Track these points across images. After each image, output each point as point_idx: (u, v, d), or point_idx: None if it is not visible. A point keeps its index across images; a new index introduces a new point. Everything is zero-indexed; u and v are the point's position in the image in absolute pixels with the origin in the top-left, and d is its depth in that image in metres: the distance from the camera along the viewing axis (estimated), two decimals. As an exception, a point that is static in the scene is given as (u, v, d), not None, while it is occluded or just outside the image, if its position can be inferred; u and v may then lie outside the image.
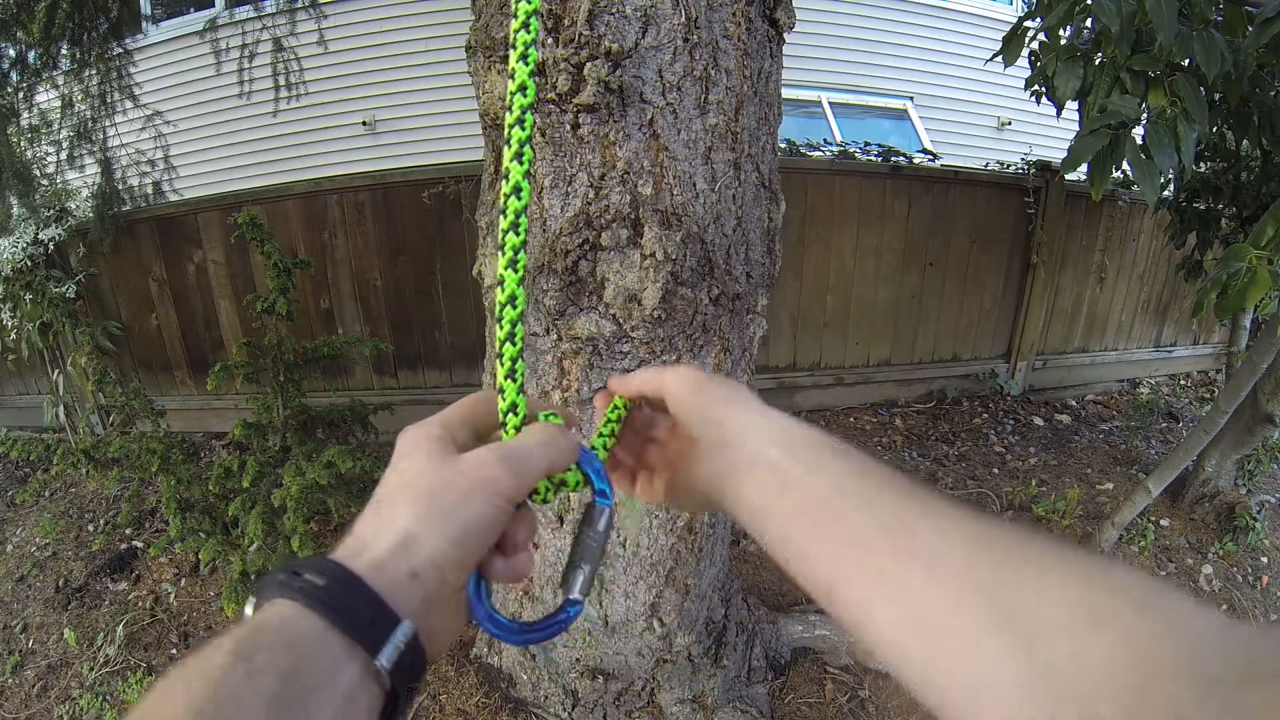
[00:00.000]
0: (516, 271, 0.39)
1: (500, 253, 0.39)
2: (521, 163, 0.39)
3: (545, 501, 0.40)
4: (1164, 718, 0.22)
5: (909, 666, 0.29)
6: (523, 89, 0.39)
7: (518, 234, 0.39)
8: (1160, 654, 0.23)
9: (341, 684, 0.28)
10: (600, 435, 0.45)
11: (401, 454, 0.36)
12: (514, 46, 0.40)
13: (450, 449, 0.36)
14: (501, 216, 0.40)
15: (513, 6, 0.40)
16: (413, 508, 0.33)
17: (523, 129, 0.39)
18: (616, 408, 0.46)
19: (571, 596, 0.40)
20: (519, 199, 0.39)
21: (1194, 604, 0.25)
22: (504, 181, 0.39)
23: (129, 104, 2.93)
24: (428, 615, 0.32)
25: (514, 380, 0.39)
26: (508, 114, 0.40)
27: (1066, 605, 0.25)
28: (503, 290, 0.39)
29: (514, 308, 0.39)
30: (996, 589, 0.27)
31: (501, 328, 0.39)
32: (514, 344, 0.40)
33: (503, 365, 0.39)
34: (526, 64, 0.39)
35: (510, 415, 0.39)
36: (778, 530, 0.37)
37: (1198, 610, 0.24)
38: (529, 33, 0.39)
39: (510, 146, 0.39)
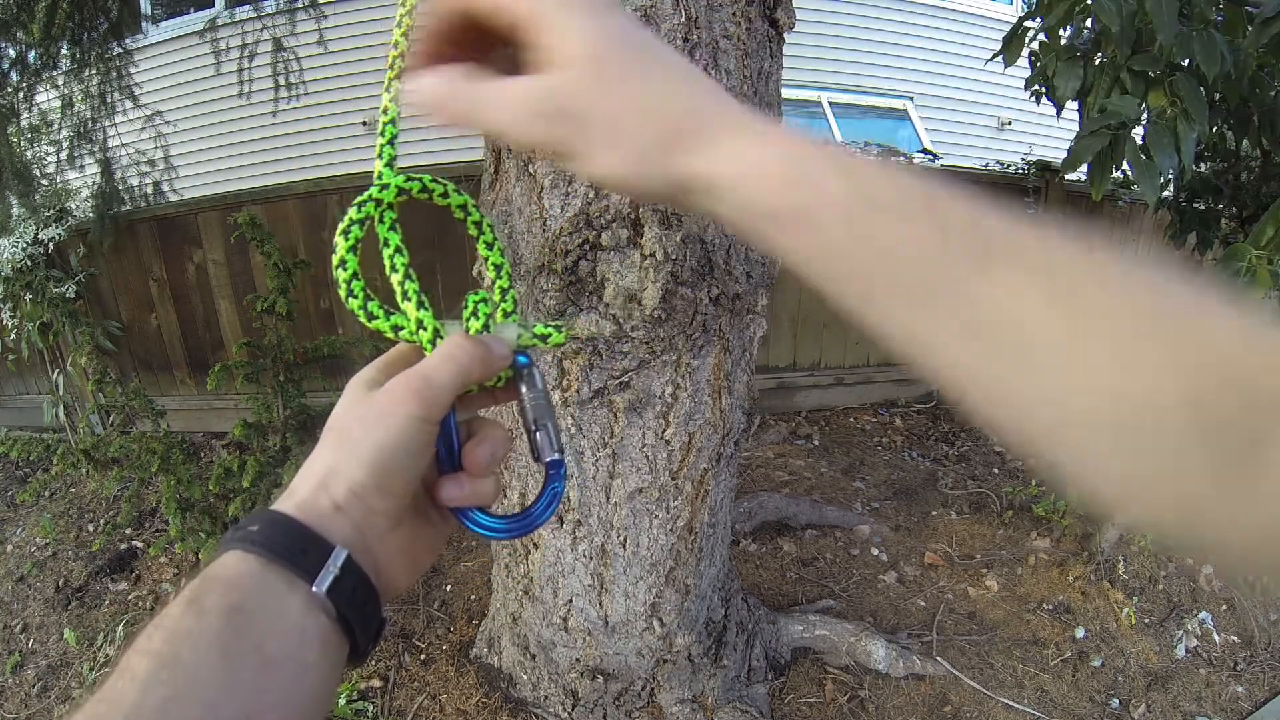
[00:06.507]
0: (426, 310, 0.40)
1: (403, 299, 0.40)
2: (396, 230, 0.41)
3: (472, 390, 0.40)
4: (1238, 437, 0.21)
5: (969, 372, 0.27)
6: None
7: (413, 280, 0.40)
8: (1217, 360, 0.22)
9: (287, 615, 0.29)
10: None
11: (338, 404, 0.37)
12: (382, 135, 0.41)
13: (374, 388, 0.36)
14: (394, 273, 0.41)
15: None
16: (327, 447, 0.34)
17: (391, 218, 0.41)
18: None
19: (551, 458, 0.40)
20: (403, 255, 0.41)
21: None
22: (386, 247, 0.41)
23: (129, 104, 2.93)
24: (365, 544, 0.33)
25: (499, 254, 0.43)
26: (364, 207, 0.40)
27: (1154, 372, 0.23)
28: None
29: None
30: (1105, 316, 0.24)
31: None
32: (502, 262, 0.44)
33: (488, 247, 0.43)
34: (391, 145, 0.41)
35: (481, 305, 0.41)
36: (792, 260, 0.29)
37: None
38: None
39: (383, 223, 0.41)
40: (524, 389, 0.40)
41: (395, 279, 0.40)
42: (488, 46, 0.32)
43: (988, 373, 0.26)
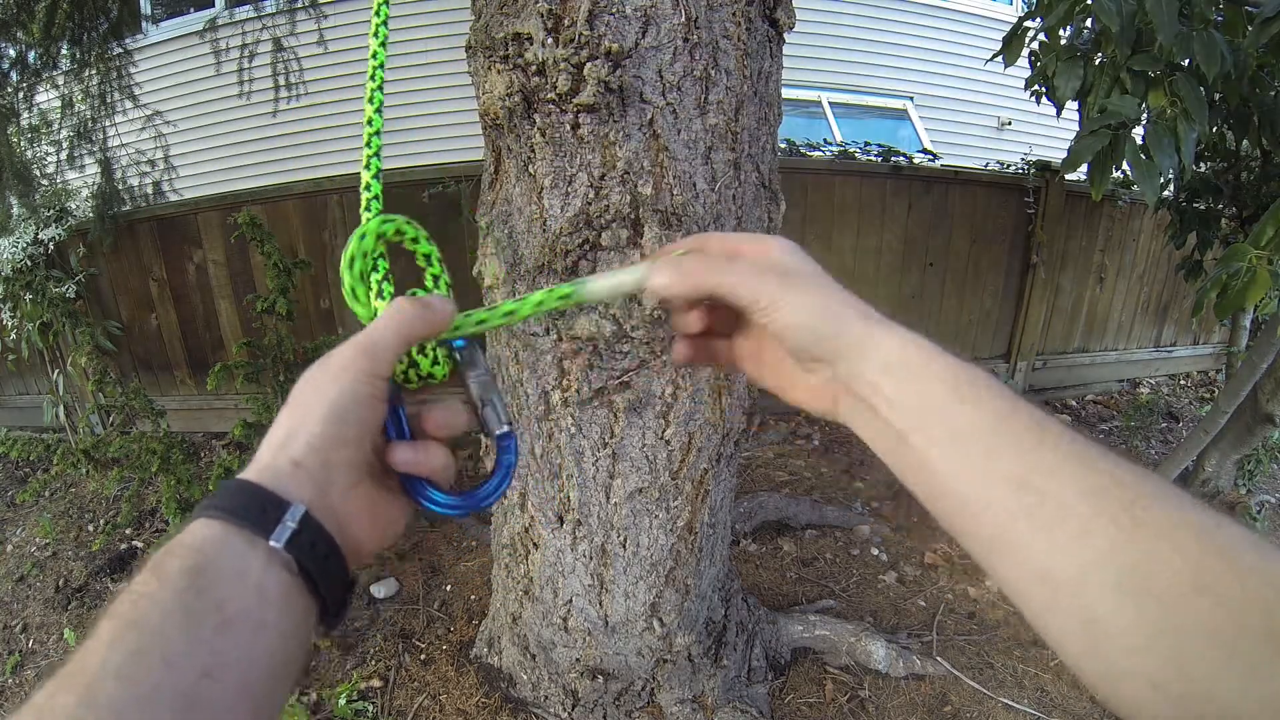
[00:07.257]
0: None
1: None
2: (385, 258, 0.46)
3: (409, 384, 0.43)
4: (1248, 678, 0.25)
5: (1029, 611, 0.32)
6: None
7: (390, 282, 0.46)
8: (1253, 620, 0.25)
9: (248, 574, 0.30)
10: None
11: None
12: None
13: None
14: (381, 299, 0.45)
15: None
16: (285, 415, 0.36)
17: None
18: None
19: (500, 431, 0.42)
20: (389, 283, 0.46)
21: None
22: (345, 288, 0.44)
23: (129, 104, 2.93)
24: (325, 502, 0.34)
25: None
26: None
27: (1176, 570, 0.27)
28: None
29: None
30: (1117, 555, 0.29)
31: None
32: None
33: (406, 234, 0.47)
34: (378, 156, 0.46)
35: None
36: (897, 470, 0.38)
37: None
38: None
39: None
40: (467, 371, 0.43)
41: (379, 295, 0.45)
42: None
43: (1020, 526, 0.31)
